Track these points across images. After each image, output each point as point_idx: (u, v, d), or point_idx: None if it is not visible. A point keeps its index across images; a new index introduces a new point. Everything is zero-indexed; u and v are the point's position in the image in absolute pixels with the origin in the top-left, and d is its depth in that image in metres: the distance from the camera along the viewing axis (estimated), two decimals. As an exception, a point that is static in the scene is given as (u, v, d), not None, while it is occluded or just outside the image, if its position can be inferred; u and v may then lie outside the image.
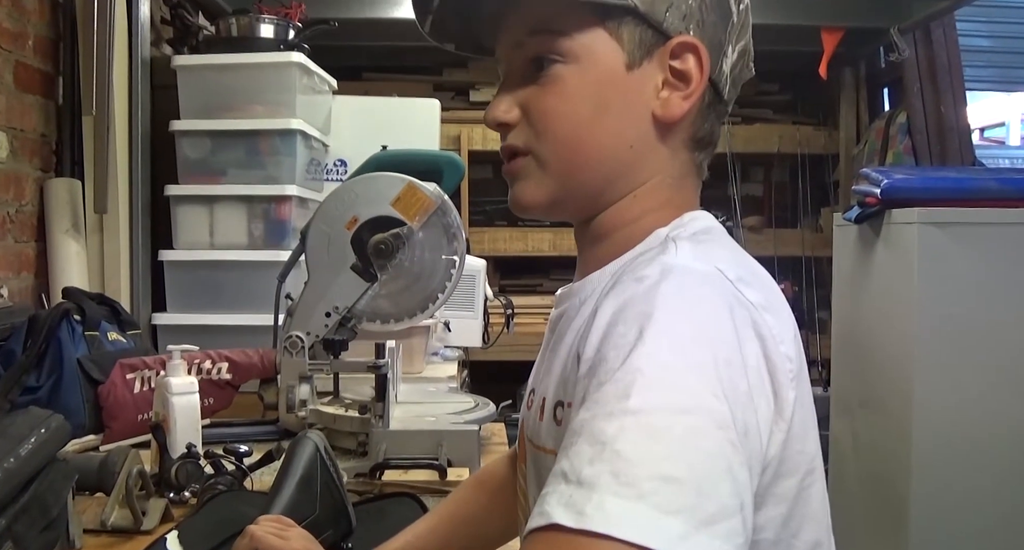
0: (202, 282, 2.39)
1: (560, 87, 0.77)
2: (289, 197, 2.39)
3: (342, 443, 1.62)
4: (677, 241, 0.73)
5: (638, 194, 0.79)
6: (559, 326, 0.80)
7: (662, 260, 0.69)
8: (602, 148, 0.77)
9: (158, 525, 1.25)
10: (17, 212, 2.28)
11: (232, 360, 1.76)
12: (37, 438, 1.01)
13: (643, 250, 0.75)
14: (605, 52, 0.76)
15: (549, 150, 0.78)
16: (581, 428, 0.59)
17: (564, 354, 0.74)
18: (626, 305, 0.65)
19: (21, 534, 0.95)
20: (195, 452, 1.36)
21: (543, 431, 0.75)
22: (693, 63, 0.77)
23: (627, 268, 0.72)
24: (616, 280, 0.71)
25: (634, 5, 0.75)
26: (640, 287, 0.66)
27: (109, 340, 1.83)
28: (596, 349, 0.64)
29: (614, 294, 0.67)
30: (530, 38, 0.78)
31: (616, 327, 0.64)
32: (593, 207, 0.80)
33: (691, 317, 0.64)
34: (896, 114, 4.01)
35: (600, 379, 0.62)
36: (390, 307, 1.74)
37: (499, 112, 0.79)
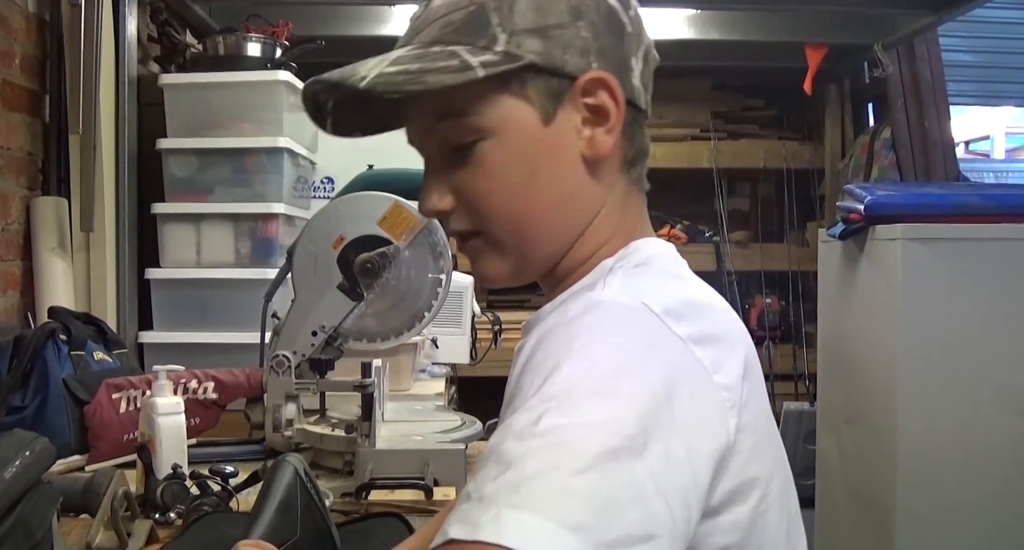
0: (189, 300, 2.39)
1: (486, 165, 0.76)
2: (276, 215, 2.39)
3: (328, 462, 1.62)
4: (615, 272, 0.74)
5: (586, 234, 0.79)
6: (516, 358, 0.79)
7: (588, 296, 0.70)
8: (544, 210, 0.77)
9: (143, 547, 1.24)
10: (3, 230, 2.27)
11: (218, 379, 1.75)
12: (22, 461, 1.01)
13: (589, 282, 0.76)
14: (518, 117, 0.75)
15: (496, 229, 0.77)
16: (490, 452, 0.58)
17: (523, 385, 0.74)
18: (546, 336, 0.66)
19: (5, 558, 0.95)
20: (181, 473, 1.36)
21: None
22: (606, 96, 0.76)
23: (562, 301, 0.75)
24: (531, 328, 0.73)
25: (531, 61, 0.74)
26: (563, 319, 0.67)
27: (95, 360, 1.83)
28: (516, 380, 0.65)
29: (537, 329, 0.69)
30: (440, 124, 0.77)
31: (535, 356, 0.65)
32: (552, 263, 0.80)
33: (611, 348, 0.64)
34: (881, 129, 4.04)
35: (515, 406, 0.62)
36: (377, 326, 1.75)
37: (433, 204, 0.79)
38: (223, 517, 1.29)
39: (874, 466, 2.63)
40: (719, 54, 4.02)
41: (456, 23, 0.75)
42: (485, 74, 0.72)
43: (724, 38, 3.74)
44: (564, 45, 0.75)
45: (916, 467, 2.47)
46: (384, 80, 0.73)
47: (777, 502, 0.70)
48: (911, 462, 2.47)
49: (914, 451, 2.47)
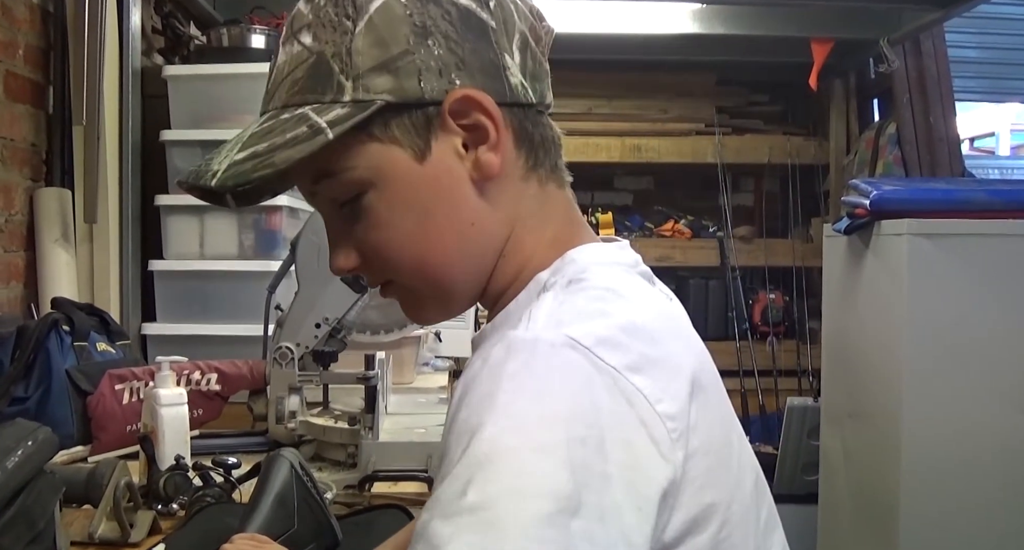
0: (192, 292, 2.39)
1: (374, 217, 0.72)
2: (279, 207, 2.39)
3: (331, 455, 1.62)
4: (544, 297, 0.69)
5: (506, 254, 0.75)
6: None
7: (511, 336, 0.63)
8: (447, 247, 0.73)
9: (146, 537, 1.24)
10: (6, 221, 2.27)
11: (221, 371, 1.75)
12: (24, 451, 1.01)
13: (525, 299, 0.72)
14: (390, 160, 0.71)
15: (404, 277, 0.74)
16: (420, 532, 0.56)
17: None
18: (468, 388, 0.62)
19: (7, 547, 0.95)
20: (183, 464, 1.36)
21: None
22: (478, 113, 0.71)
23: (491, 327, 0.73)
24: (476, 346, 0.71)
25: (384, 102, 0.69)
26: (484, 368, 0.62)
27: (98, 351, 1.82)
28: (444, 436, 0.63)
29: (464, 374, 0.65)
30: (317, 186, 0.74)
31: (459, 413, 0.61)
32: (477, 291, 0.77)
33: (537, 395, 0.60)
34: (886, 125, 4.03)
35: (443, 473, 0.59)
36: (380, 318, 1.75)
37: (340, 263, 0.76)
38: (225, 508, 1.29)
39: (878, 462, 2.63)
40: (724, 49, 4.01)
41: (300, 81, 0.72)
42: (337, 133, 0.68)
43: (729, 33, 3.73)
44: (417, 72, 0.70)
45: (920, 462, 2.46)
46: (233, 172, 0.69)
47: (741, 523, 0.67)
48: (915, 457, 2.46)
49: (918, 447, 2.46)
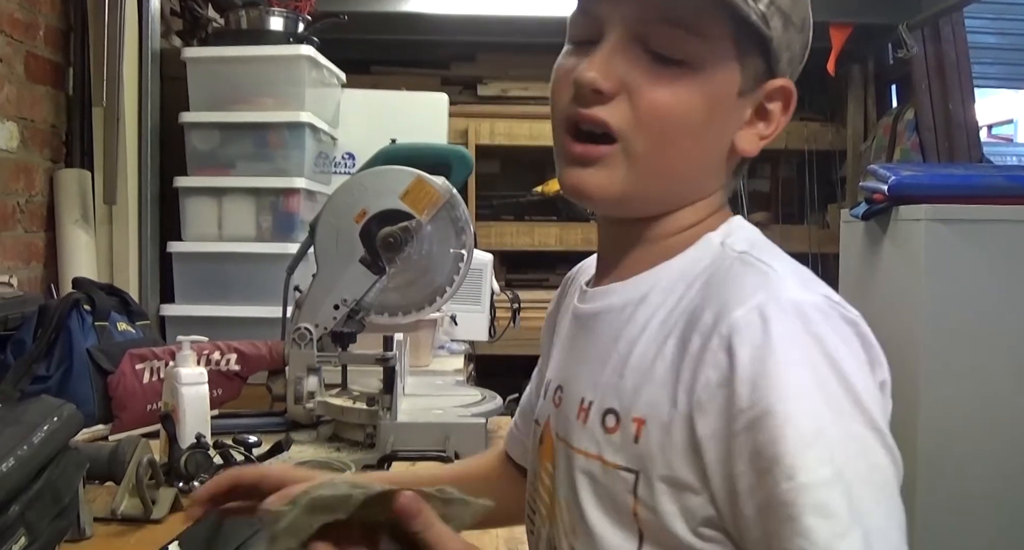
0: (210, 274, 2.40)
1: (678, 89, 0.71)
2: (298, 190, 2.40)
3: (349, 435, 1.63)
4: (756, 257, 0.72)
5: (698, 206, 0.78)
6: (596, 324, 0.78)
7: (779, 296, 0.66)
8: (691, 159, 0.75)
9: (168, 514, 1.26)
10: (27, 202, 2.28)
11: (241, 351, 1.76)
12: (50, 426, 1.02)
13: (698, 256, 0.74)
14: (726, 72, 0.73)
15: (645, 145, 0.72)
16: (799, 500, 0.60)
17: (616, 360, 0.72)
18: (761, 354, 0.63)
19: (33, 521, 0.96)
20: (204, 442, 1.37)
21: (584, 435, 0.73)
22: (779, 108, 0.77)
23: (708, 281, 0.71)
24: (707, 301, 0.68)
25: (770, 38, 0.73)
26: (772, 330, 0.63)
27: (119, 331, 1.84)
28: (747, 403, 0.62)
29: (739, 337, 0.64)
30: (659, 26, 0.71)
31: (765, 378, 0.62)
32: (654, 210, 0.77)
33: (837, 365, 0.63)
34: (904, 111, 4.00)
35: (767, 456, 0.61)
36: (398, 300, 1.75)
37: (599, 75, 0.71)
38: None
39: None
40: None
41: None
42: (754, 11, 0.70)
43: (748, 17, 3.71)
44: (788, 44, 0.75)
45: (937, 448, 2.46)
46: None
47: None
48: (932, 443, 2.46)
49: (936, 432, 2.46)
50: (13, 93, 2.19)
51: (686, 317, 0.69)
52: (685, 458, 0.65)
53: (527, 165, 4.18)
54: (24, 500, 0.95)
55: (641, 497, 0.68)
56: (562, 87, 0.74)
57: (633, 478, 0.68)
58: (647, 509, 0.67)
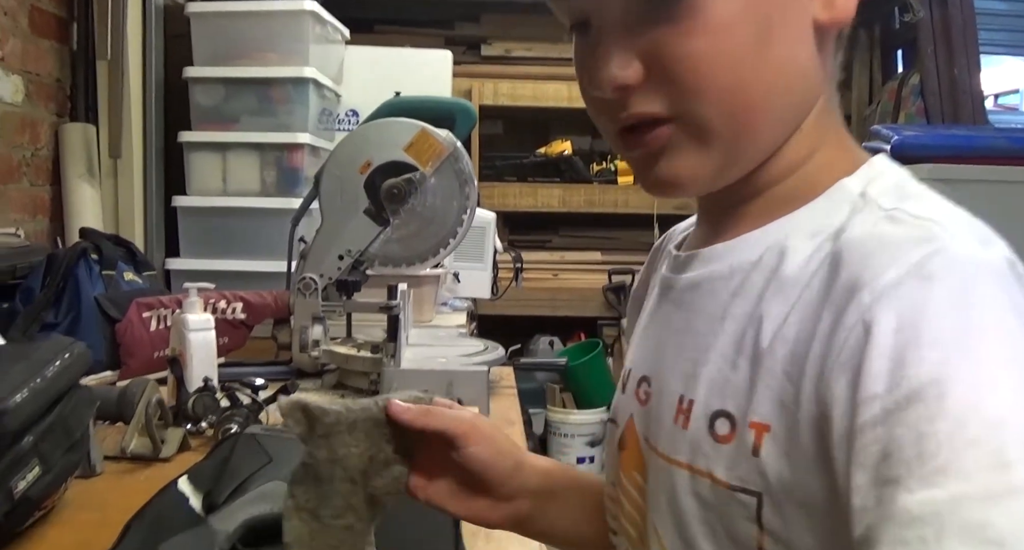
0: (215, 228, 2.42)
1: (704, 19, 0.54)
2: (301, 145, 2.41)
3: (354, 383, 1.65)
4: (912, 213, 0.52)
5: (804, 128, 0.59)
6: (695, 298, 0.61)
7: (947, 252, 0.48)
8: (772, 88, 0.56)
9: (176, 453, 1.28)
10: (33, 156, 2.30)
11: (246, 300, 1.78)
12: (61, 362, 1.04)
13: (830, 207, 0.56)
14: None
15: (708, 110, 0.55)
16: (940, 518, 0.41)
17: (724, 346, 0.56)
18: (913, 321, 0.46)
19: (46, 453, 0.98)
20: (211, 385, 1.39)
21: (686, 443, 0.57)
22: None
23: (845, 240, 0.52)
24: (843, 265, 0.51)
25: None
26: (934, 294, 0.46)
27: (125, 280, 1.86)
28: (883, 386, 0.45)
29: (885, 303, 0.47)
30: None
31: (916, 352, 0.45)
32: (768, 153, 0.59)
33: (1017, 340, 0.46)
34: (909, 76, 3.99)
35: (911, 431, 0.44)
36: (402, 251, 1.77)
37: (615, 73, 0.55)
38: (245, 443, 1.28)
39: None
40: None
41: None
42: None
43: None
44: None
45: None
46: None
47: None
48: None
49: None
50: (18, 47, 2.20)
51: (815, 286, 0.52)
52: (818, 475, 0.48)
53: (530, 126, 4.18)
54: (37, 432, 0.97)
55: (768, 527, 0.51)
56: (584, 84, 0.60)
57: (755, 502, 0.51)
58: (777, 544, 0.51)
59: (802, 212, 0.57)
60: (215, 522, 0.88)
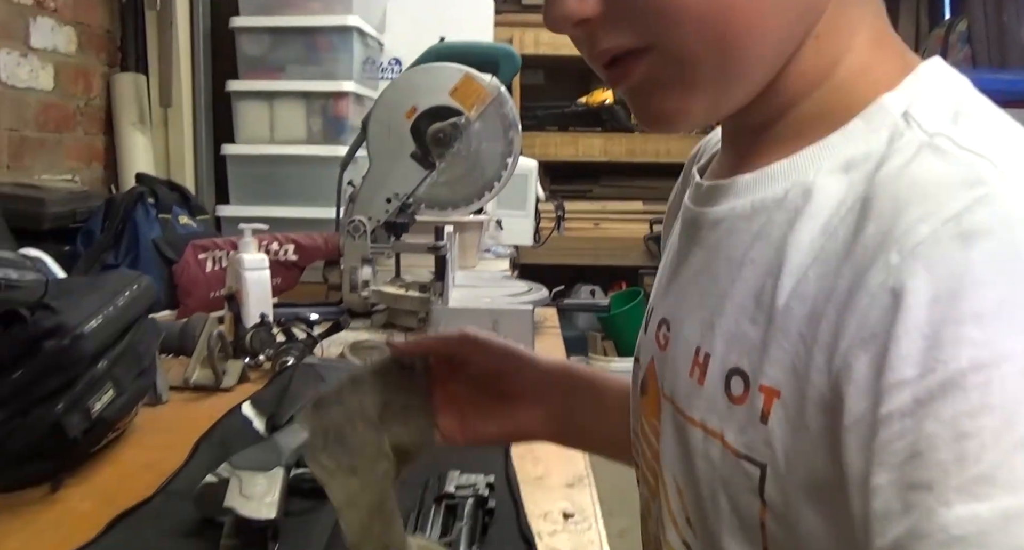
0: (263, 176, 2.46)
1: None
2: (347, 93, 2.44)
3: (402, 322, 1.70)
4: (957, 142, 0.42)
5: (820, 33, 0.49)
6: (713, 238, 0.52)
7: (994, 202, 0.39)
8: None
9: (236, 385, 1.34)
10: (86, 105, 2.36)
11: (298, 242, 1.83)
12: (130, 293, 1.10)
13: (866, 131, 0.46)
14: None
15: (681, 37, 0.47)
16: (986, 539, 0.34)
17: (741, 296, 0.48)
18: (951, 291, 0.37)
19: (119, 377, 1.04)
20: (267, 321, 1.45)
21: (702, 400, 0.50)
22: None
23: (877, 179, 0.43)
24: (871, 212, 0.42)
25: None
26: (975, 257, 0.37)
27: (180, 224, 1.92)
28: (914, 371, 0.37)
29: (917, 266, 0.38)
30: None
31: (954, 330, 0.36)
32: (773, 72, 0.49)
33: None
34: (957, 22, 3.93)
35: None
36: (448, 194, 1.81)
37: (572, 7, 0.48)
38: (303, 373, 1.34)
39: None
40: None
41: None
42: None
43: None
44: None
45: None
46: None
47: None
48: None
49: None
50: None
51: (840, 237, 0.43)
52: (824, 455, 0.41)
53: (572, 75, 4.17)
54: (111, 357, 1.03)
55: (770, 502, 0.45)
56: (546, 22, 0.50)
57: (759, 474, 0.45)
58: (778, 522, 0.45)
59: (834, 137, 0.47)
60: (279, 439, 0.93)
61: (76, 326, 0.96)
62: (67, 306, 0.98)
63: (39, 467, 0.96)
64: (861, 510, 0.38)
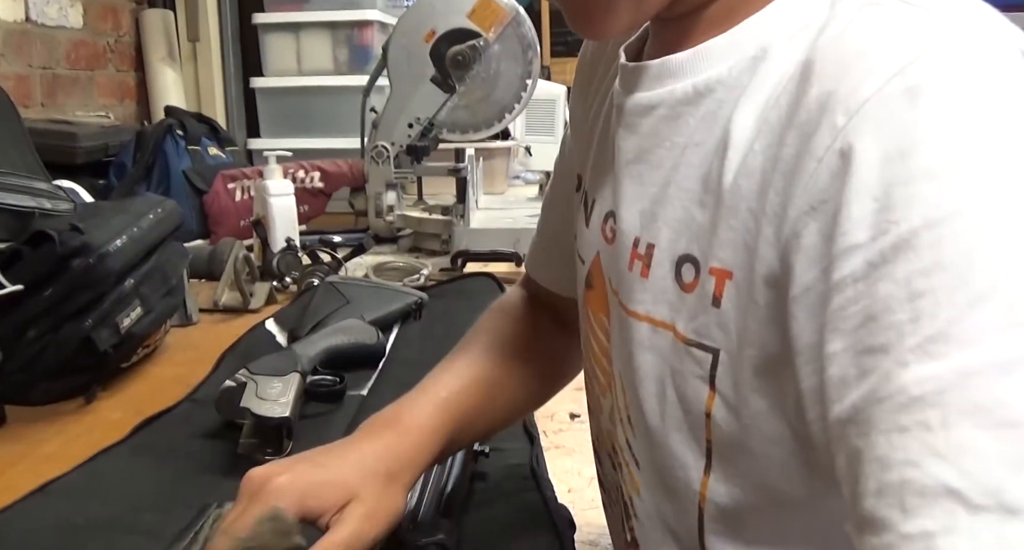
0: (292, 108, 2.49)
1: None
2: (371, 22, 2.44)
3: (427, 245, 1.73)
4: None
5: None
6: (649, 126, 0.50)
7: (942, 51, 0.37)
8: None
9: (263, 306, 1.38)
10: (116, 42, 2.39)
11: (324, 170, 1.87)
12: (155, 215, 1.13)
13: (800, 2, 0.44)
14: None
15: None
16: (945, 397, 0.33)
17: (685, 180, 0.47)
18: (902, 148, 0.36)
19: (147, 295, 1.08)
20: (294, 245, 1.48)
21: (647, 293, 0.49)
22: None
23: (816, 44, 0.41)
24: (813, 76, 0.40)
25: None
26: (925, 109, 0.36)
27: (210, 155, 1.95)
28: (867, 234, 0.36)
29: (865, 125, 0.37)
30: None
31: (907, 188, 0.35)
32: None
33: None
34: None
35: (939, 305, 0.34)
36: (468, 118, 1.82)
37: None
38: (326, 291, 1.38)
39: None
40: None
41: None
42: None
43: None
44: None
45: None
46: None
47: None
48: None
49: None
50: (95, -67, 2.27)
51: (783, 105, 0.42)
52: (772, 334, 0.41)
53: (602, 0, 4.12)
54: (137, 275, 1.07)
55: (720, 388, 0.45)
56: None
57: (711, 360, 0.45)
58: (726, 409, 0.45)
59: (776, 6, 0.45)
60: (297, 348, 0.97)
61: (101, 245, 1.00)
62: (93, 227, 1.02)
63: (73, 381, 1.02)
64: (814, 380, 0.37)
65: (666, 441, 0.49)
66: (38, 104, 2.05)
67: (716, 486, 0.47)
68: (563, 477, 0.76)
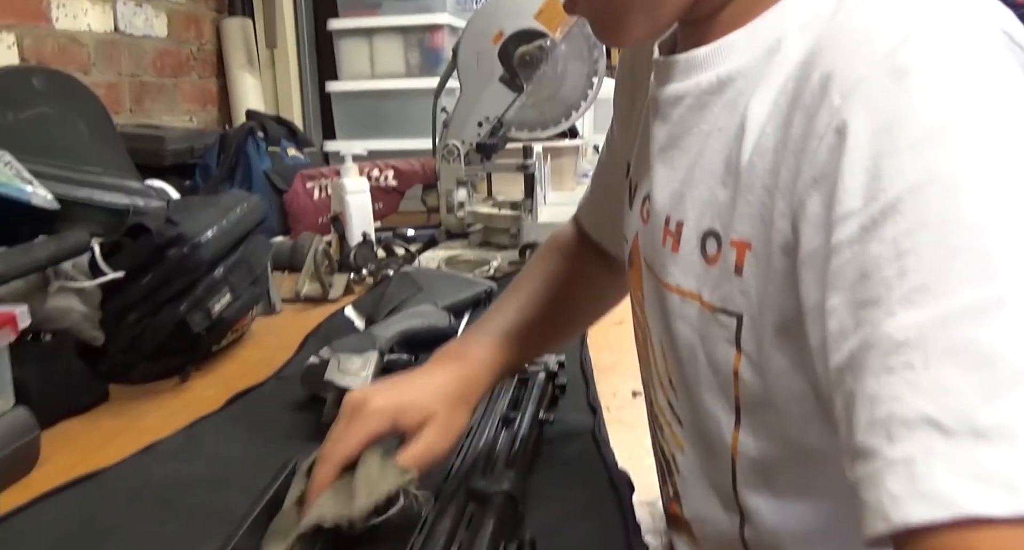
0: (366, 111, 2.57)
1: None
2: (441, 26, 2.51)
3: (496, 239, 1.79)
4: None
5: None
6: (677, 114, 0.55)
7: (925, 33, 0.41)
8: None
9: (342, 296, 1.45)
10: (198, 50, 2.50)
11: (397, 168, 1.94)
12: (241, 209, 1.21)
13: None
14: None
15: None
16: (926, 340, 0.36)
17: (710, 162, 0.52)
18: (889, 124, 0.40)
19: (235, 283, 1.16)
20: (369, 239, 1.55)
21: (677, 266, 0.54)
22: None
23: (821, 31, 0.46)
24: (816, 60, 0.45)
25: None
26: (912, 87, 0.40)
27: (288, 156, 2.04)
28: (859, 201, 0.40)
29: (856, 104, 0.41)
30: None
31: (892, 160, 0.39)
32: None
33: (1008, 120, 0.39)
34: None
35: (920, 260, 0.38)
36: (536, 116, 1.88)
37: None
38: (400, 281, 1.44)
39: None
40: None
41: None
42: None
43: None
44: None
45: None
46: None
47: None
48: None
49: None
50: (178, -54, 2.38)
51: (790, 89, 0.46)
52: (790, 296, 0.45)
53: None
54: (226, 265, 1.14)
55: (745, 349, 0.50)
56: None
57: (735, 323, 0.50)
58: (752, 368, 0.50)
59: (787, 3, 0.49)
60: (375, 330, 1.03)
61: (194, 236, 1.08)
62: (186, 219, 1.10)
63: (169, 362, 1.10)
64: (819, 334, 0.42)
65: (701, 400, 0.54)
66: (127, 110, 2.16)
67: (746, 440, 0.52)
68: (623, 446, 0.81)
